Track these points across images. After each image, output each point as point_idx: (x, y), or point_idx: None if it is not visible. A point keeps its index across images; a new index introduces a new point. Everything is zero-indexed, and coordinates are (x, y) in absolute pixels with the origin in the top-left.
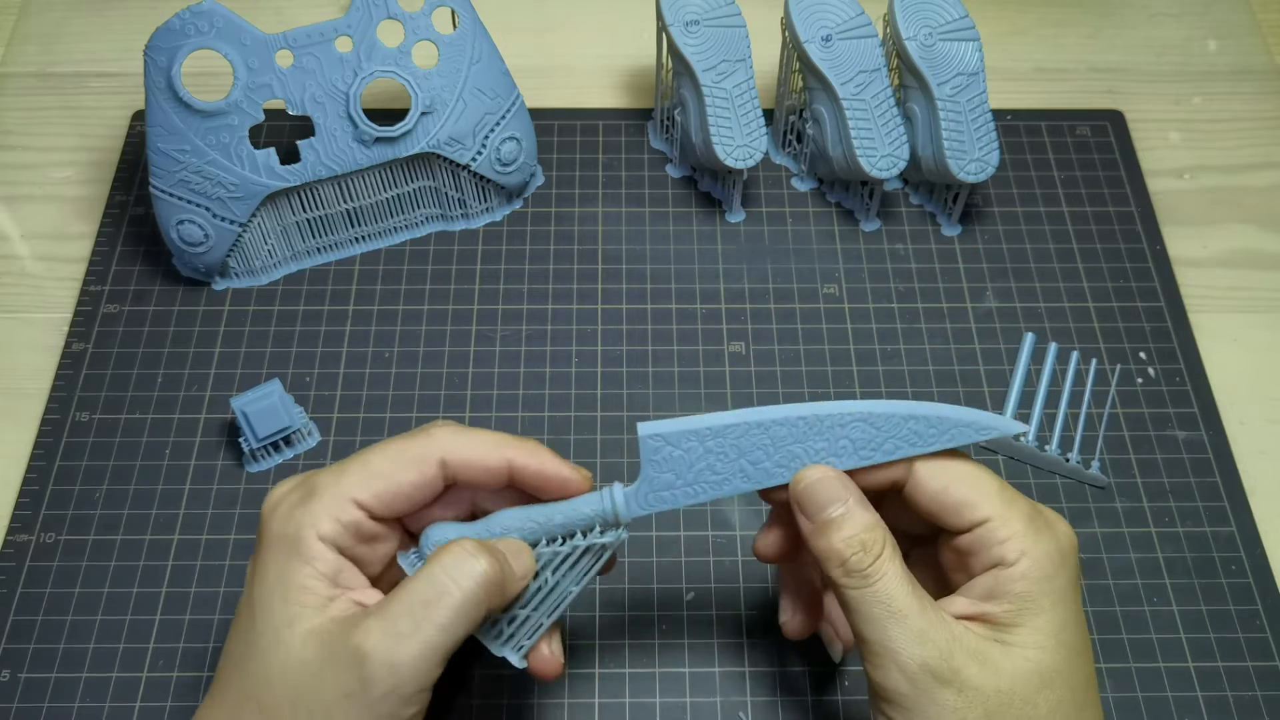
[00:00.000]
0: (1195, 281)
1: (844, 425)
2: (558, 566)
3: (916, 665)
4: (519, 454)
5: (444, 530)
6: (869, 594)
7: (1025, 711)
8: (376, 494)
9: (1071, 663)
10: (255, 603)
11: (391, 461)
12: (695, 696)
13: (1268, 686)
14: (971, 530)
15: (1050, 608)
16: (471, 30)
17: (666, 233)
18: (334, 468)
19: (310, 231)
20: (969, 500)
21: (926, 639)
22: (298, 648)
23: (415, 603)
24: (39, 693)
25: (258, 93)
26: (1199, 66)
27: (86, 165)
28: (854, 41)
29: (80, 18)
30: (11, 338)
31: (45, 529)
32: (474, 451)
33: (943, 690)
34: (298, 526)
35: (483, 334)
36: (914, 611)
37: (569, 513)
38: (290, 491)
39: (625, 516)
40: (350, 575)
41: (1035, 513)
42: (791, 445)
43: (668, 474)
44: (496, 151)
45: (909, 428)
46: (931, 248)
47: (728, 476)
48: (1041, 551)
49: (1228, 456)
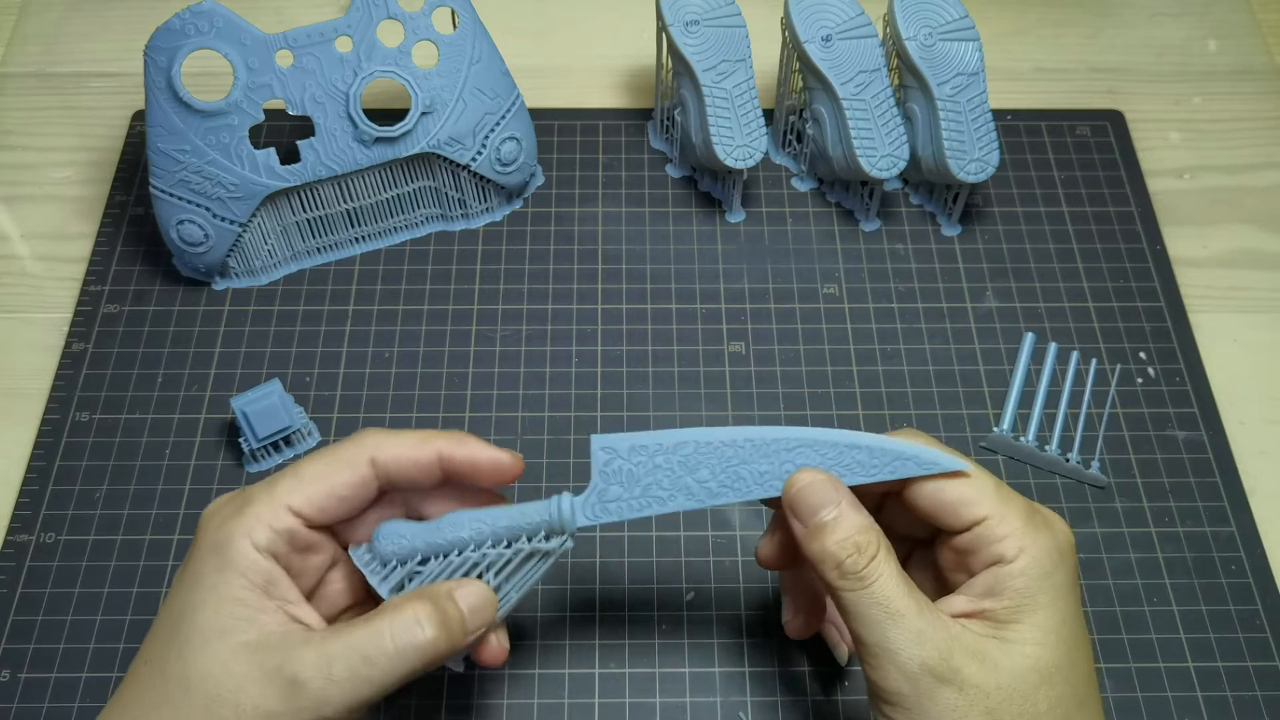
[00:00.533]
0: (1195, 281)
1: (789, 450)
2: (500, 569)
3: (916, 665)
4: (447, 444)
5: (396, 527)
6: (865, 596)
7: (1026, 708)
8: (310, 499)
9: (1071, 658)
10: (183, 608)
11: (323, 466)
12: (695, 696)
13: (1268, 686)
14: (969, 529)
15: (1049, 604)
16: (471, 30)
17: (666, 233)
18: (267, 479)
19: (310, 231)
20: (966, 499)
21: (925, 639)
22: (226, 658)
23: (355, 653)
24: (39, 693)
25: (258, 93)
26: (1199, 66)
27: (86, 165)
28: (854, 41)
29: (80, 18)
30: (11, 338)
31: (45, 529)
32: (402, 448)
33: (943, 689)
34: (230, 535)
35: (483, 334)
36: (911, 612)
37: (516, 518)
38: (227, 503)
39: (571, 525)
40: (284, 587)
41: (1032, 511)
42: (737, 466)
43: (615, 486)
44: (496, 151)
45: (852, 456)
46: (931, 248)
47: (673, 493)
48: (1040, 548)
49: (1228, 456)
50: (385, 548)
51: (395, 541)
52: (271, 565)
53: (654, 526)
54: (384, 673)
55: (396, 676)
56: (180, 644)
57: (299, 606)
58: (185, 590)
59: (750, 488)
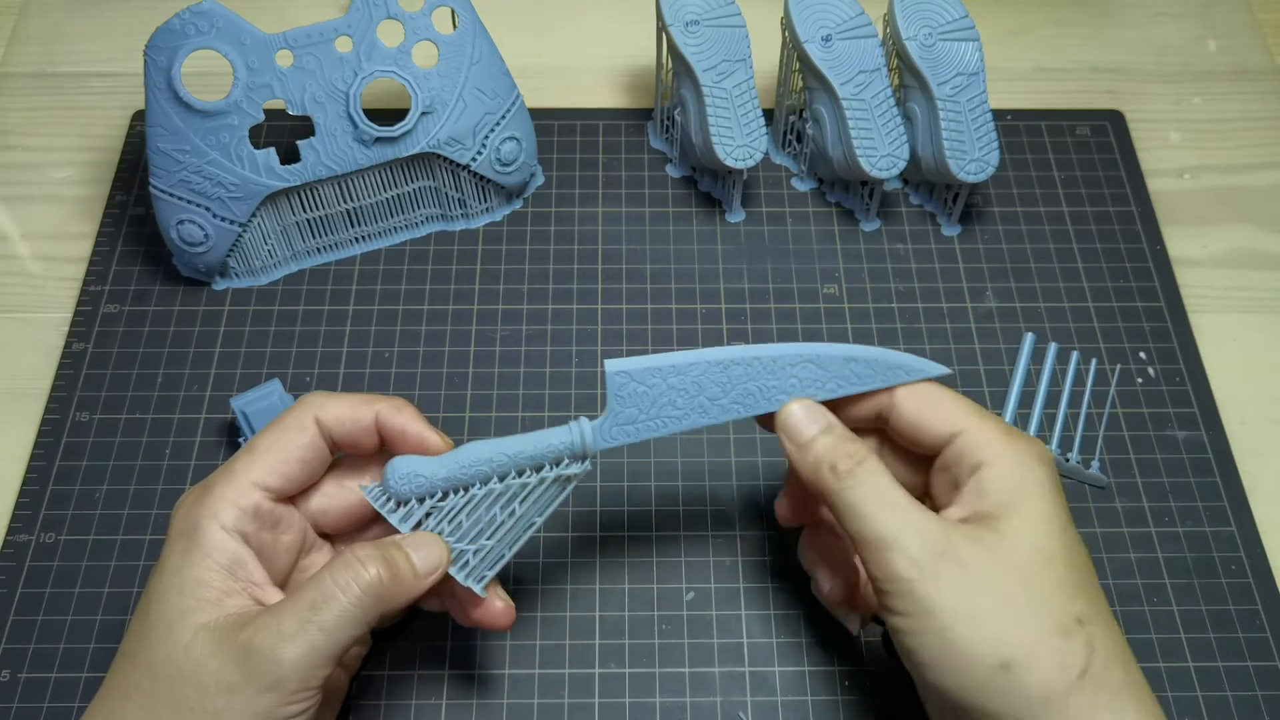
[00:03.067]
0: (1195, 281)
1: (793, 365)
2: (525, 498)
3: (917, 546)
4: (385, 407)
5: (410, 464)
6: (862, 491)
7: (1031, 585)
8: (269, 468)
9: (1068, 544)
10: (149, 597)
11: (273, 435)
12: (695, 696)
13: (1268, 686)
14: (951, 443)
15: (1036, 495)
16: (471, 30)
17: (666, 233)
18: (225, 463)
19: (310, 231)
20: (944, 416)
21: (924, 525)
22: (186, 640)
23: (303, 605)
24: (39, 693)
25: (258, 93)
26: (1199, 66)
27: (86, 165)
28: (854, 41)
29: (80, 18)
30: (11, 338)
31: (45, 529)
32: (344, 408)
33: (948, 566)
34: (196, 519)
35: (483, 334)
36: (906, 504)
37: (539, 444)
38: (191, 491)
39: (593, 448)
40: (251, 568)
41: (1008, 427)
42: (746, 383)
43: (631, 409)
44: (496, 151)
45: (850, 369)
46: (931, 248)
47: (687, 411)
48: (1016, 450)
49: (1228, 456)
50: (400, 488)
51: (411, 480)
52: (238, 545)
53: (654, 527)
54: (332, 617)
55: (348, 620)
56: (146, 631)
57: (264, 589)
58: (154, 580)
59: (759, 402)
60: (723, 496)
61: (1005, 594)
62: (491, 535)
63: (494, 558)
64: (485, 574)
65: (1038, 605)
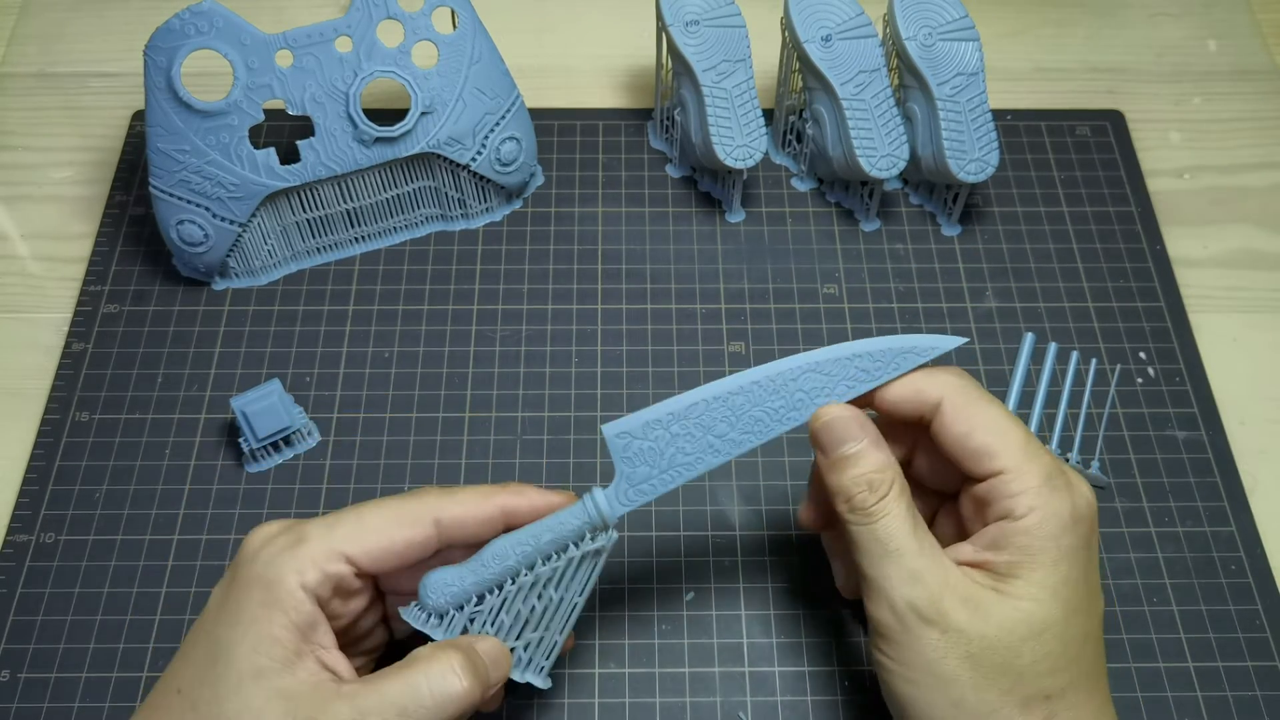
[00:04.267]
0: (1195, 281)
1: (795, 380)
2: (559, 582)
3: (904, 603)
4: (508, 498)
5: (441, 577)
6: (869, 531)
7: (1008, 658)
8: (368, 549)
9: (1068, 618)
10: (220, 641)
11: (387, 519)
12: (695, 696)
13: (1268, 686)
14: (988, 480)
15: (1052, 564)
16: (471, 30)
17: (666, 233)
18: (327, 519)
19: (310, 231)
20: (989, 449)
21: (918, 579)
22: (259, 702)
23: (391, 707)
24: (39, 693)
25: (258, 93)
26: (1199, 66)
27: (86, 165)
28: (854, 41)
29: (80, 18)
30: (11, 338)
31: (45, 529)
32: (467, 509)
33: (927, 629)
34: (281, 571)
35: (483, 334)
36: (911, 551)
37: (557, 529)
38: (279, 534)
39: (611, 518)
40: (322, 633)
41: (1056, 470)
42: (752, 410)
43: (642, 467)
44: (496, 151)
45: (856, 366)
46: (931, 248)
47: (699, 454)
48: (1052, 510)
49: (1228, 456)
50: (438, 601)
51: (444, 592)
52: (315, 609)
53: (654, 527)
54: None
55: None
56: (215, 679)
57: (331, 653)
58: (226, 623)
59: (770, 426)
60: (723, 497)
61: (978, 663)
62: (537, 626)
63: (547, 647)
64: (543, 664)
65: (1006, 679)
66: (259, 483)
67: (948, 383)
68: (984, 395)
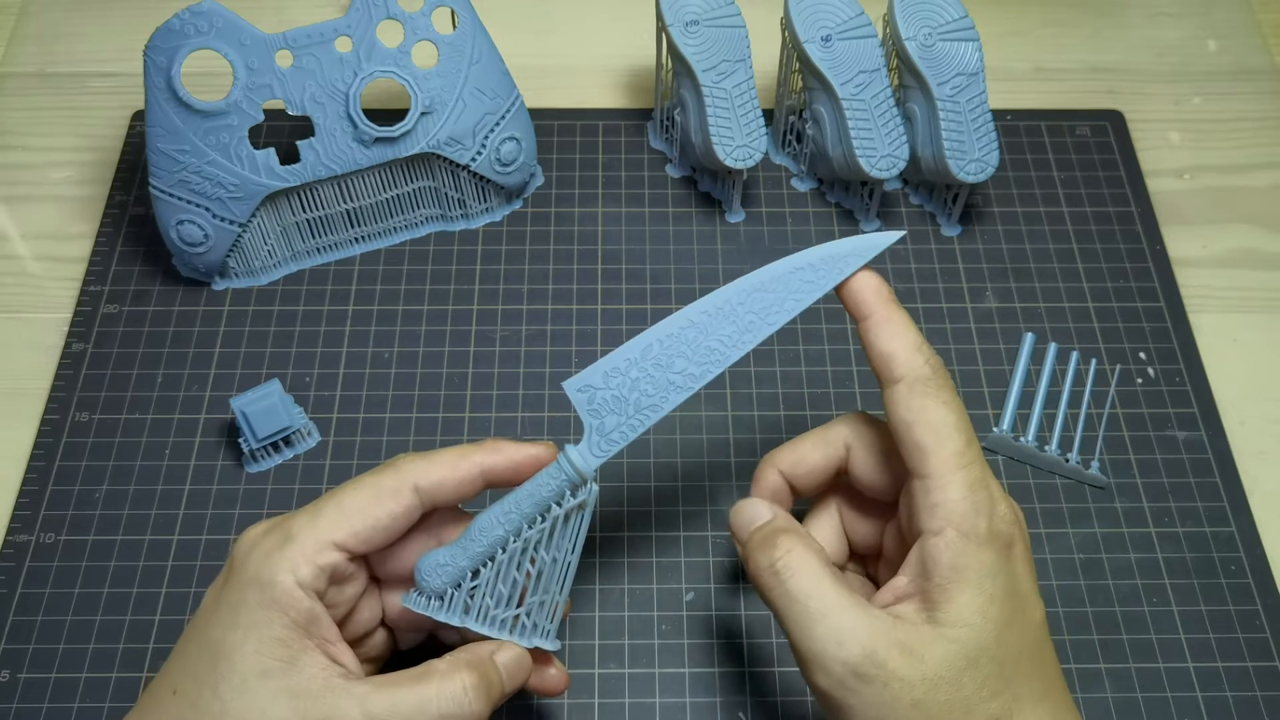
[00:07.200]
0: (1195, 281)
1: (743, 303)
2: (549, 543)
3: (839, 666)
4: (484, 455)
5: (434, 559)
6: (782, 594)
7: (953, 694)
8: (355, 532)
9: (1000, 637)
10: (219, 644)
11: (366, 497)
12: (695, 697)
13: (1268, 686)
14: (916, 481)
15: (976, 582)
16: (471, 30)
17: (666, 233)
18: (308, 510)
19: (310, 231)
20: (923, 446)
21: (847, 637)
22: (265, 701)
23: (398, 717)
24: (39, 693)
25: (258, 93)
26: (1199, 66)
27: (86, 165)
28: (854, 41)
29: (80, 18)
30: (11, 338)
31: (45, 529)
32: (443, 471)
33: (867, 687)
34: (274, 571)
35: (483, 334)
36: (832, 609)
37: (536, 492)
38: (266, 534)
39: (588, 472)
40: (325, 625)
41: (980, 484)
42: (706, 341)
43: (610, 416)
44: (496, 151)
45: (801, 279)
46: (931, 248)
47: (663, 394)
48: (968, 524)
49: (1227, 457)
50: (435, 582)
51: (439, 573)
52: (314, 603)
53: (654, 527)
54: None
55: None
56: (216, 681)
57: (337, 645)
58: (223, 625)
59: (726, 354)
60: (723, 496)
61: (925, 708)
62: (535, 590)
63: (549, 609)
64: (548, 628)
65: (954, 713)
66: (259, 483)
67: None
68: (941, 396)
